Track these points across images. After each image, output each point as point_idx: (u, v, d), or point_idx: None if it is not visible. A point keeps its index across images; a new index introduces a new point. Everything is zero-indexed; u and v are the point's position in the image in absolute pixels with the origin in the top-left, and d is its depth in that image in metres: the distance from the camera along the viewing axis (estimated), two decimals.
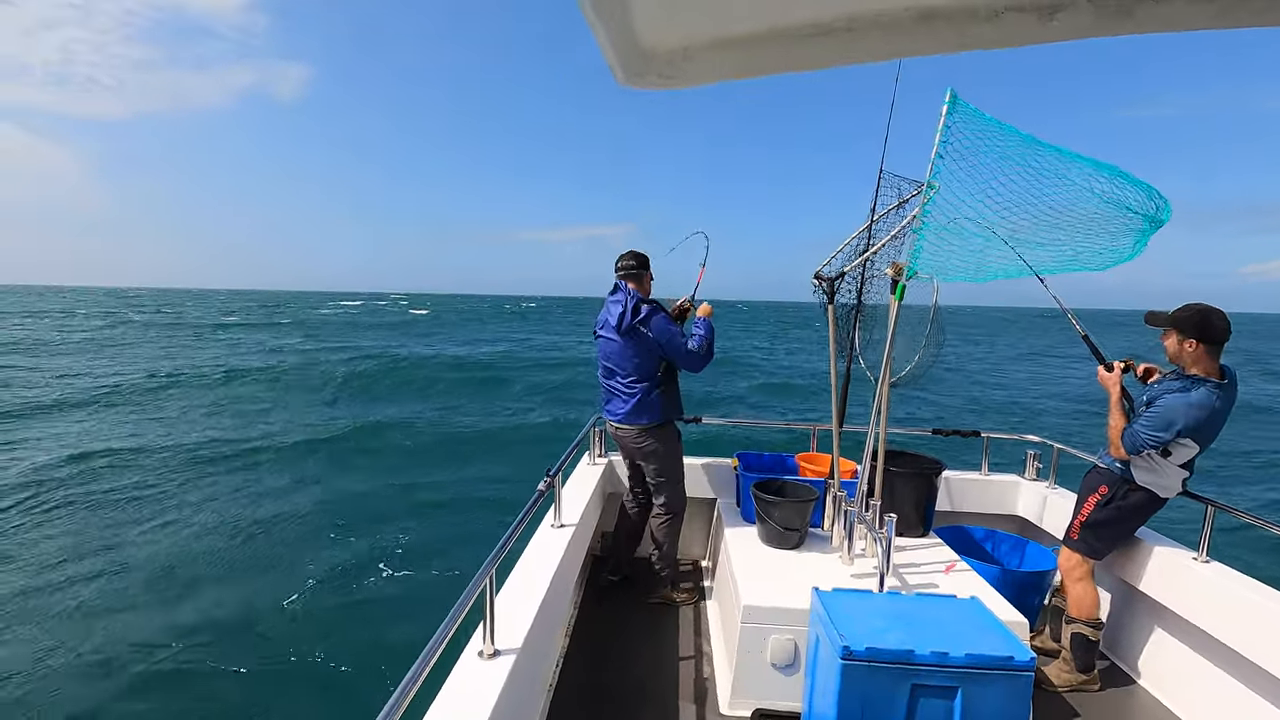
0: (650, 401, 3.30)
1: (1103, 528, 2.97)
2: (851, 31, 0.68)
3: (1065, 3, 0.63)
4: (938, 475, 3.42)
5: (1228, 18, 0.62)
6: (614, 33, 0.68)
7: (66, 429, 12.65)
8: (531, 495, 2.49)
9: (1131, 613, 3.21)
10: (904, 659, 1.98)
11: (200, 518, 8.07)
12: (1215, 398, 2.63)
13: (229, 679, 4.98)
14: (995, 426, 13.15)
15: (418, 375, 20.20)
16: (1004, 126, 2.53)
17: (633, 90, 0.80)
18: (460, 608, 1.74)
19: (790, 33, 0.69)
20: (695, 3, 0.67)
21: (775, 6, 0.67)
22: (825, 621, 2.16)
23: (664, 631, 3.30)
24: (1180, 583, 2.87)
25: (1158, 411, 2.69)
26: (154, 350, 26.31)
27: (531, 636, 2.13)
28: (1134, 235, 2.60)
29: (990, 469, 4.14)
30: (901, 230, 2.94)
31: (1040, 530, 3.87)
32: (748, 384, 20.21)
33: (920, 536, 3.36)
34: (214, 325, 43.31)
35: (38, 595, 6.15)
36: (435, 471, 10.33)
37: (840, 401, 3.29)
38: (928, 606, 2.29)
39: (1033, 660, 1.99)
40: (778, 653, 2.57)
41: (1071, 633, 2.97)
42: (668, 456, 3.41)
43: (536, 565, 2.61)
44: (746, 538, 3.24)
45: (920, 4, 0.65)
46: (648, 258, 3.41)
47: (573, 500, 3.31)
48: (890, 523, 2.62)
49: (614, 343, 3.29)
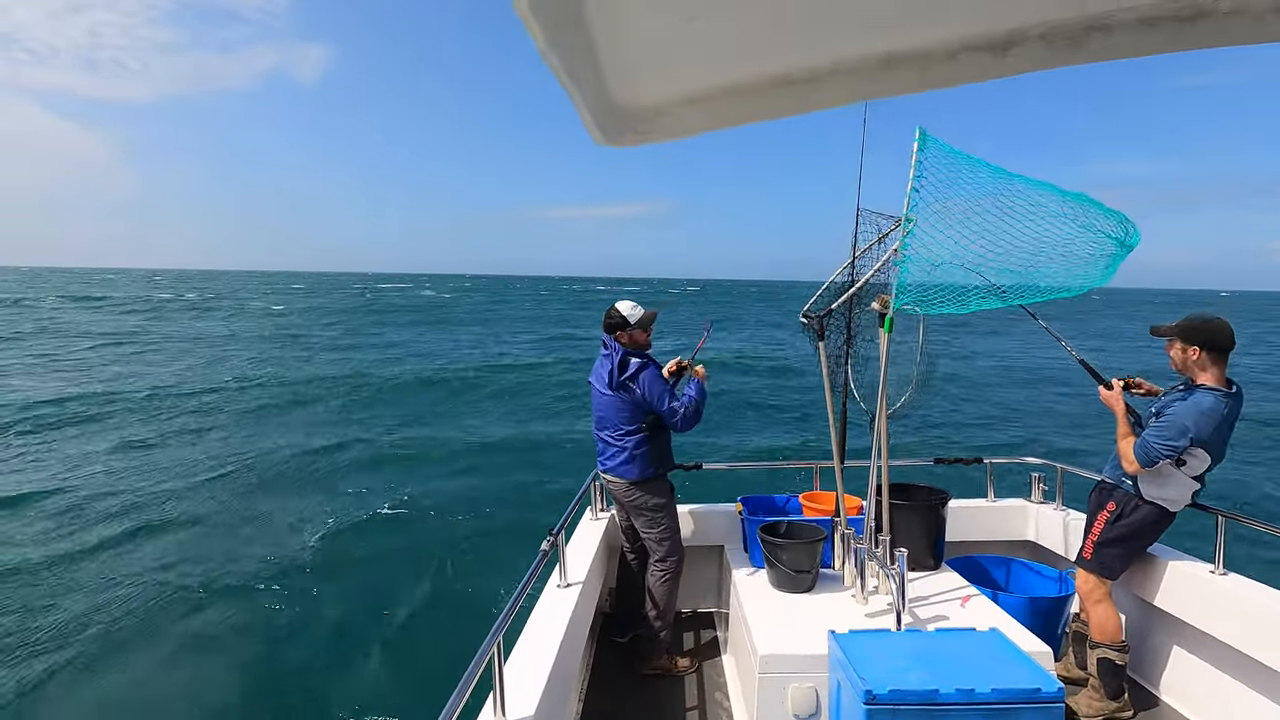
0: (639, 454, 3.26)
1: (1115, 545, 2.92)
2: (815, 81, 0.71)
3: (1017, 39, 0.66)
4: (944, 505, 3.38)
5: (1174, 43, 0.65)
6: (589, 96, 0.71)
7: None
8: (535, 555, 2.44)
9: (1152, 631, 3.14)
10: (930, 699, 1.92)
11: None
12: (1224, 405, 2.64)
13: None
14: (1001, 436, 13.12)
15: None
16: (973, 160, 2.62)
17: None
18: (468, 680, 1.68)
19: (756, 86, 0.73)
20: (663, 64, 0.70)
21: (739, 63, 0.70)
22: (845, 666, 2.10)
23: (679, 688, 3.19)
24: (1199, 597, 2.83)
25: (1169, 420, 2.68)
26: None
27: (543, 704, 2.06)
28: (1105, 259, 2.66)
29: (996, 494, 4.10)
30: (883, 265, 2.99)
31: (1052, 554, 3.82)
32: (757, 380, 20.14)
33: (933, 570, 3.30)
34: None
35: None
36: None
37: (840, 437, 3.28)
38: (948, 642, 2.24)
39: (1061, 691, 1.94)
40: (799, 702, 2.49)
41: (1097, 658, 2.89)
42: (660, 510, 3.35)
43: (545, 628, 2.54)
44: (757, 584, 3.18)
45: (879, 51, 0.68)
46: (625, 320, 3.27)
47: (578, 557, 3.25)
48: (902, 557, 2.58)
49: (604, 396, 3.28)
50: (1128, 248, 2.62)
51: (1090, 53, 0.66)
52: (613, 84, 0.71)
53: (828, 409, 3.27)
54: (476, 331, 36.26)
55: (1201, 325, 2.71)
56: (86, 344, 27.02)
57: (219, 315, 44.11)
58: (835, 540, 3.18)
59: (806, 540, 3.09)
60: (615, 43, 0.64)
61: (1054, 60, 0.67)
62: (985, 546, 3.94)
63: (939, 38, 0.67)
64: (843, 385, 3.36)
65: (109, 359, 22.85)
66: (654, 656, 3.36)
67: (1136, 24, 0.64)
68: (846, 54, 0.68)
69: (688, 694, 3.14)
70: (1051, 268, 2.65)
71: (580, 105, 0.72)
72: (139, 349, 25.73)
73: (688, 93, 0.75)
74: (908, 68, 0.69)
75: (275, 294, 77.73)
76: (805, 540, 3.10)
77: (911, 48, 0.67)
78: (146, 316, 42.32)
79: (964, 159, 2.62)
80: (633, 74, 0.71)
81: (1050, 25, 0.64)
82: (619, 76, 0.70)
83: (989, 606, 2.88)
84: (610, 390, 3.24)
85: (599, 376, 3.32)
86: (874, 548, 2.96)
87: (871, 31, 0.66)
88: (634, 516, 3.39)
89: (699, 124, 0.78)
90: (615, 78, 0.70)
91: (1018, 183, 2.59)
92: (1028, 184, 2.59)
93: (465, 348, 27.71)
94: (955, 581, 3.14)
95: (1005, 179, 2.60)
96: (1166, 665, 3.05)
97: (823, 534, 3.16)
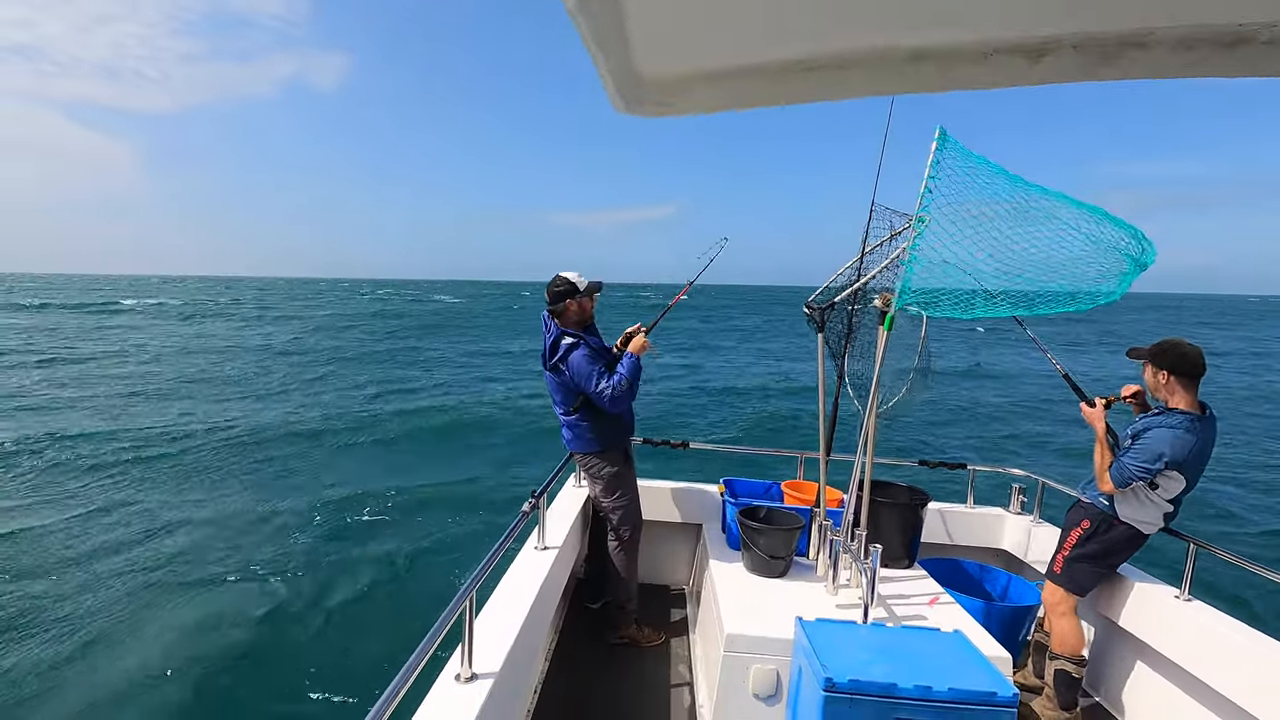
0: (583, 429, 3.28)
1: (1085, 563, 2.97)
2: (842, 69, 0.70)
3: (1051, 47, 0.65)
4: (923, 506, 3.42)
5: (1204, 67, 0.64)
6: (613, 63, 0.70)
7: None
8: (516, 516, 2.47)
9: (1114, 650, 3.20)
10: (887, 692, 1.96)
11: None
12: (1197, 430, 2.68)
13: (184, 697, 4.83)
14: (986, 446, 13.18)
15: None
16: (992, 165, 2.59)
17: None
18: (439, 629, 1.71)
19: (781, 69, 0.71)
20: (690, 38, 0.69)
21: (766, 44, 0.69)
22: (808, 652, 2.14)
23: (645, 658, 3.25)
24: (1163, 620, 2.88)
25: (1144, 444, 2.72)
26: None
27: (510, 660, 2.10)
28: (1118, 277, 2.64)
29: (975, 501, 4.15)
30: (891, 262, 2.97)
31: (1024, 564, 3.87)
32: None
33: (905, 568, 3.35)
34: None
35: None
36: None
37: (828, 429, 3.30)
38: (912, 639, 2.28)
39: (1016, 697, 1.98)
40: (760, 683, 2.54)
41: (1055, 669, 2.95)
42: (614, 480, 3.38)
43: (518, 587, 2.58)
44: (731, 565, 3.22)
45: (910, 44, 0.67)
46: (574, 286, 3.21)
47: (557, 522, 3.28)
48: (875, 553, 2.61)
49: (547, 373, 3.29)
50: (1142, 266, 2.61)
51: (1122, 69, 0.65)
52: (638, 53, 0.70)
53: (819, 400, 3.28)
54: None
55: (1171, 350, 2.74)
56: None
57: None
58: (812, 530, 3.22)
59: (784, 527, 3.13)
60: (644, 11, 0.62)
61: (1085, 73, 0.66)
62: (960, 551, 3.99)
63: (973, 38, 0.65)
64: (837, 379, 3.36)
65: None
66: (622, 625, 3.41)
67: (1174, 44, 0.63)
68: (876, 44, 0.67)
69: (653, 665, 3.20)
70: (1062, 281, 2.64)
71: (604, 71, 0.71)
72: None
73: (711, 69, 0.74)
74: (936, 65, 0.68)
75: (299, 301, 75.61)
76: (783, 527, 3.13)
77: (943, 45, 0.66)
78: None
79: (981, 163, 2.59)
80: (659, 45, 0.69)
81: (1087, 36, 0.63)
82: (645, 46, 0.69)
83: (956, 609, 2.92)
84: (546, 370, 3.25)
85: (542, 356, 3.33)
86: (849, 541, 2.99)
87: (905, 24, 0.65)
88: (591, 486, 3.48)
89: (718, 102, 0.77)
90: (641, 47, 0.69)
91: (1034, 192, 2.57)
92: (1044, 194, 2.57)
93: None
94: (926, 582, 3.19)
95: (1022, 187, 2.58)
96: (1124, 684, 3.11)
97: (800, 523, 3.20)
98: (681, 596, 3.94)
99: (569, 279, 3.22)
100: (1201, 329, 50.45)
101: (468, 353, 27.74)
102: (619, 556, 3.41)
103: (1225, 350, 33.95)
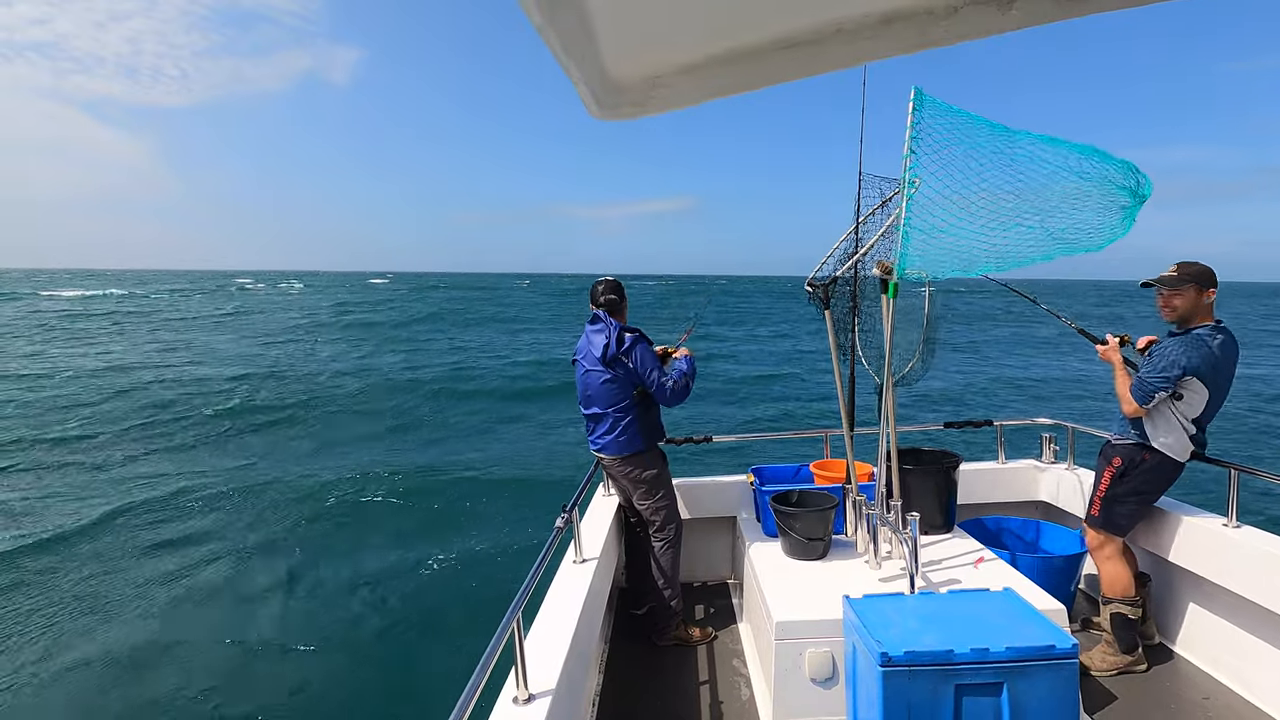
0: (630, 429, 3.28)
1: (1122, 501, 2.94)
2: (816, 43, 0.69)
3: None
4: (955, 469, 3.39)
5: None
6: (585, 69, 0.70)
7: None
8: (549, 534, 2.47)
9: (1167, 585, 3.16)
10: (944, 660, 1.94)
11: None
12: (1214, 338, 2.71)
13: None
14: (1011, 400, 13.06)
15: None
16: (972, 117, 2.57)
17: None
18: (490, 654, 1.71)
19: (754, 51, 0.71)
20: (659, 34, 0.69)
21: (736, 28, 0.69)
22: (860, 629, 2.12)
23: (696, 657, 3.24)
24: (1213, 550, 2.83)
25: (1158, 355, 2.79)
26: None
27: (564, 677, 2.10)
28: (1121, 211, 2.61)
29: (1007, 456, 4.11)
30: (887, 229, 2.96)
31: (1064, 513, 3.83)
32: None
33: (945, 533, 3.32)
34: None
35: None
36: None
37: (848, 405, 3.28)
38: (962, 603, 2.26)
39: (1075, 647, 1.95)
40: (815, 667, 2.53)
41: (1110, 613, 2.91)
42: (655, 482, 3.38)
43: (562, 604, 2.58)
44: (770, 552, 3.20)
45: (880, 8, 0.66)
46: (624, 288, 3.42)
47: (592, 534, 3.28)
48: (914, 522, 2.59)
49: (594, 372, 3.28)
50: (1141, 198, 2.58)
51: (1095, 3, 0.65)
52: (609, 58, 0.70)
53: (835, 377, 3.27)
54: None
55: (1207, 269, 2.79)
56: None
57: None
58: (847, 507, 3.20)
59: (819, 508, 3.11)
60: (612, 15, 0.62)
61: (1059, 12, 0.66)
62: (997, 509, 3.96)
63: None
64: (849, 352, 3.35)
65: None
66: (669, 627, 3.40)
67: None
68: (848, 12, 0.67)
69: (705, 662, 3.19)
70: (1061, 222, 2.61)
71: (577, 79, 0.71)
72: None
73: (686, 62, 0.74)
74: (908, 27, 0.67)
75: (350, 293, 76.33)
76: (817, 508, 3.12)
77: (914, 3, 0.65)
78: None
79: (963, 117, 2.57)
80: (629, 47, 0.69)
81: None
82: (615, 50, 0.69)
83: (1002, 567, 2.90)
84: (602, 365, 3.25)
85: (588, 353, 3.32)
86: (885, 513, 2.97)
87: None
88: (631, 490, 3.43)
89: (697, 93, 0.77)
90: (611, 52, 0.69)
91: (1020, 139, 2.54)
92: (1031, 139, 2.54)
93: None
94: (968, 544, 3.16)
95: (1006, 136, 2.55)
96: (1180, 619, 3.07)
97: (834, 501, 3.18)
98: (723, 590, 3.93)
99: (617, 281, 3.41)
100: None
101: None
102: (666, 557, 3.39)
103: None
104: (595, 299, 3.38)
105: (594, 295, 3.39)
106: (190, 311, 43.64)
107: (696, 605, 3.77)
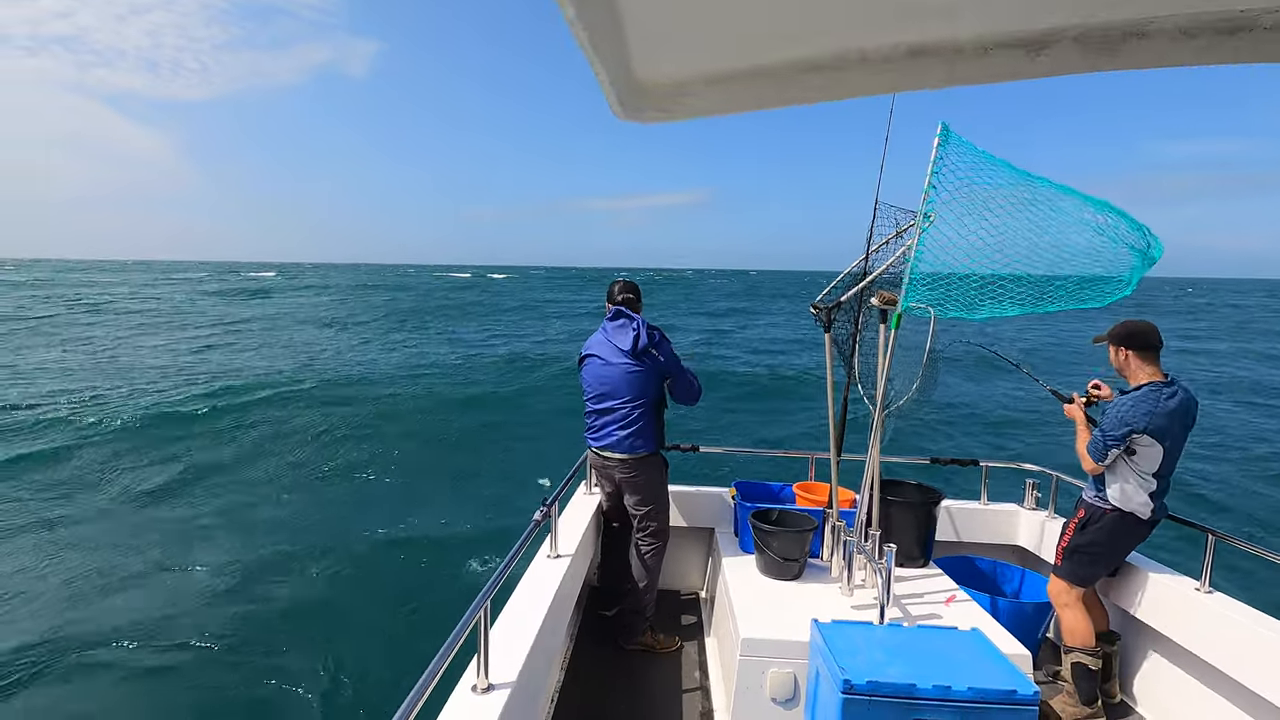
0: (645, 430, 3.28)
1: (1083, 553, 2.99)
2: (840, 69, 0.70)
3: (1052, 40, 0.65)
4: (937, 504, 3.40)
5: (1209, 55, 0.64)
6: (611, 70, 0.70)
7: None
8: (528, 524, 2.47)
9: (1135, 643, 3.17)
10: (906, 693, 1.94)
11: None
12: (1160, 394, 2.78)
13: (193, 711, 4.83)
14: (996, 443, 13.08)
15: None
16: (995, 160, 2.58)
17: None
18: (454, 640, 1.71)
19: (780, 70, 0.72)
20: (688, 42, 0.69)
21: (764, 46, 0.69)
22: (825, 654, 2.12)
23: (660, 664, 3.24)
24: (1182, 613, 2.85)
25: (1109, 415, 2.89)
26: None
27: (526, 670, 2.09)
28: (1128, 270, 2.63)
29: (990, 498, 4.12)
30: (896, 260, 2.96)
31: (1040, 560, 3.84)
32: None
33: (920, 567, 3.32)
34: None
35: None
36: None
37: (838, 430, 3.28)
38: (929, 639, 2.26)
39: (1037, 694, 1.96)
40: (777, 687, 2.53)
41: (1071, 662, 2.93)
42: (657, 485, 3.39)
43: (532, 597, 2.57)
44: (744, 568, 3.20)
45: (909, 41, 0.66)
46: (640, 288, 3.53)
47: (569, 531, 3.28)
48: (890, 553, 2.60)
49: (614, 368, 3.27)
50: (1150, 260, 2.60)
51: (1124, 59, 0.65)
52: (637, 60, 0.70)
53: (828, 400, 3.27)
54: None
55: (1124, 328, 2.92)
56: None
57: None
58: (826, 531, 3.20)
59: (797, 529, 3.12)
60: (643, 18, 0.63)
61: (1086, 65, 0.66)
62: (975, 548, 3.96)
63: (973, 32, 0.65)
64: (845, 378, 3.35)
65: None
66: (637, 632, 3.39)
67: (1175, 33, 0.62)
68: (877, 43, 0.67)
69: (668, 671, 3.19)
70: (1069, 272, 2.63)
71: (603, 80, 0.71)
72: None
73: (712, 73, 0.74)
74: (936, 62, 0.68)
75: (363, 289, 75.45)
76: (796, 529, 3.12)
77: (943, 40, 0.66)
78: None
79: (986, 158, 2.58)
80: (657, 50, 0.70)
81: (1087, 28, 0.63)
82: (644, 52, 0.69)
83: (972, 607, 2.90)
84: (629, 358, 3.24)
85: (609, 348, 3.31)
86: (863, 541, 2.98)
87: (904, 20, 0.65)
88: (629, 492, 3.40)
89: (721, 104, 0.77)
90: (640, 53, 0.69)
91: (1038, 185, 2.56)
92: (1049, 187, 2.55)
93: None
94: (942, 580, 3.16)
95: (1026, 181, 2.56)
96: (1144, 677, 3.08)
97: (813, 524, 3.18)
98: (694, 602, 3.93)
99: (633, 282, 3.54)
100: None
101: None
102: (650, 561, 3.38)
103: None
104: (612, 297, 3.44)
105: (611, 294, 3.45)
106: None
107: (667, 614, 3.77)
